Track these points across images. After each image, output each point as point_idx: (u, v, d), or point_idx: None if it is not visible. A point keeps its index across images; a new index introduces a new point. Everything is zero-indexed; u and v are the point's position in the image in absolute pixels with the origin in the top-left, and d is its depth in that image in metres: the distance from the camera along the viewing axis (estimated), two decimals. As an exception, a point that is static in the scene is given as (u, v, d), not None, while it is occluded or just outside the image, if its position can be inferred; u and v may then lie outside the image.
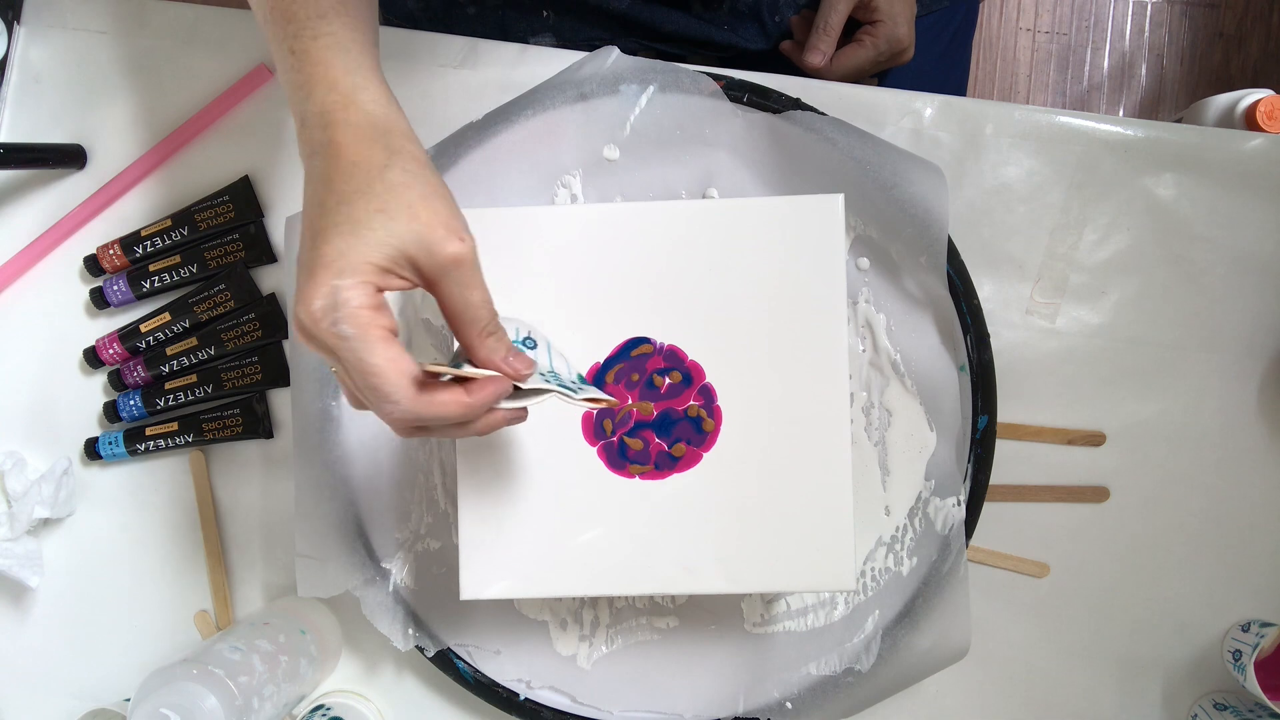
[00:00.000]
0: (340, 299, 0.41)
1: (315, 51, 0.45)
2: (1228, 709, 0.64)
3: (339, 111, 0.44)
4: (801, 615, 0.64)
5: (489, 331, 0.44)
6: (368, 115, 0.44)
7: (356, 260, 0.41)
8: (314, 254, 0.41)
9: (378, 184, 0.42)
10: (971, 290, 0.63)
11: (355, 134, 0.43)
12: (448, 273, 0.43)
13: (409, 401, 0.41)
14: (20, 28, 0.69)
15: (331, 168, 0.43)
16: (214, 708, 0.54)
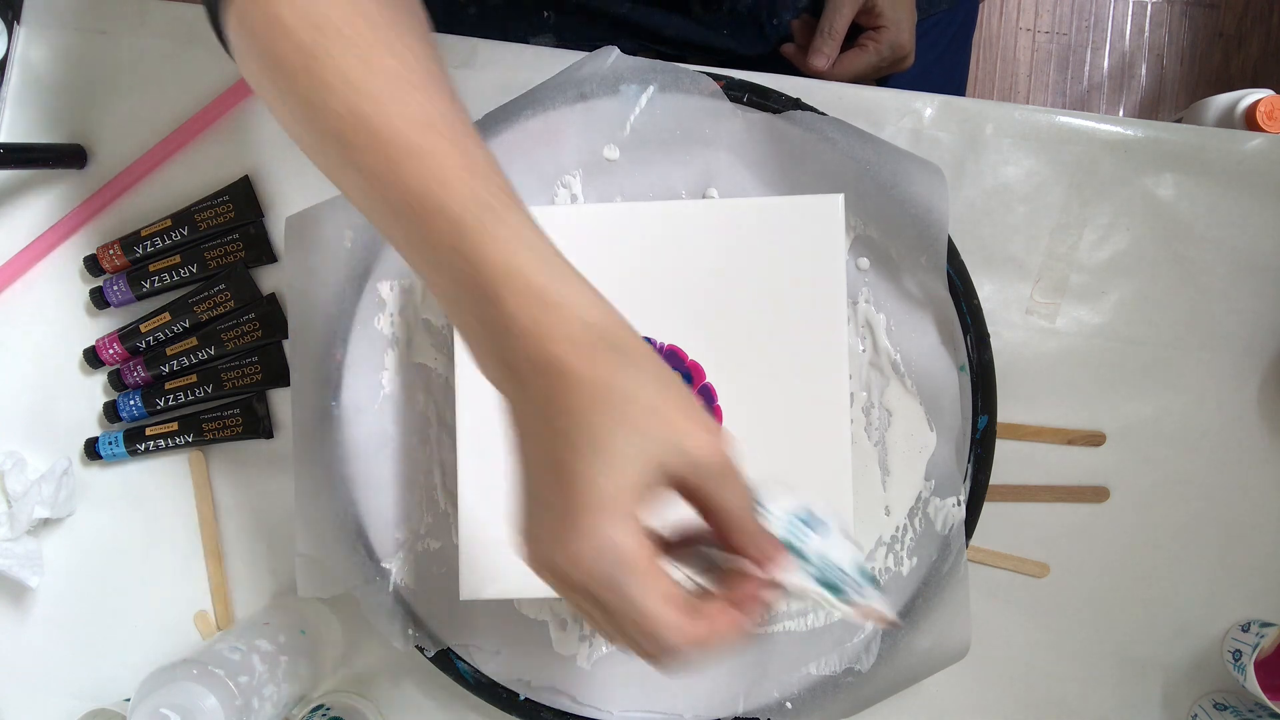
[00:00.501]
0: (609, 544, 0.35)
1: (497, 255, 0.37)
2: (1228, 709, 0.64)
3: (554, 325, 0.37)
4: (801, 615, 0.64)
5: (758, 529, 0.39)
6: (584, 321, 0.38)
7: (615, 492, 0.35)
8: (564, 492, 0.36)
9: (615, 395, 0.36)
10: (971, 290, 0.63)
11: (578, 346, 0.37)
12: (710, 476, 0.37)
13: (688, 641, 0.36)
14: (20, 28, 0.69)
15: (557, 387, 0.36)
16: (214, 708, 0.54)
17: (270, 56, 0.39)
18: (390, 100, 0.38)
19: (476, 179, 0.38)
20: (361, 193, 0.40)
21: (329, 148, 0.40)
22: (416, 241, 0.39)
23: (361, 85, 0.38)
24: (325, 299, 0.64)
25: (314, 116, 0.39)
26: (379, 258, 0.65)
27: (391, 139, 0.38)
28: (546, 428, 0.37)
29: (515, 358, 0.37)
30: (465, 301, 0.38)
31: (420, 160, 0.38)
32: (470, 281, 0.37)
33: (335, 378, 0.65)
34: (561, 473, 0.36)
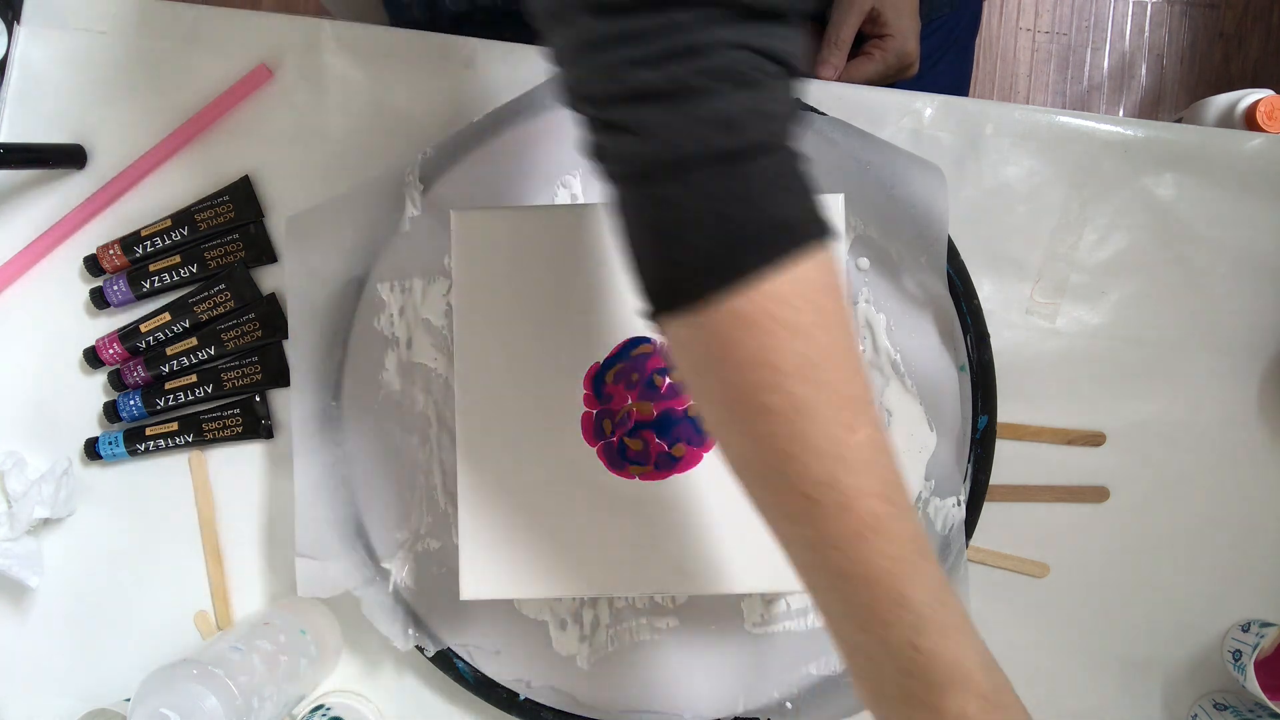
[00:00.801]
0: None
1: (949, 653, 0.38)
2: (1228, 709, 0.64)
3: (988, 713, 0.38)
4: (801, 615, 0.64)
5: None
6: (1008, 712, 0.38)
7: None
8: None
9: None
10: (971, 290, 0.63)
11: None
12: None
13: None
14: (20, 28, 0.69)
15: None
16: (214, 708, 0.54)
17: (744, 392, 0.37)
18: (864, 472, 0.38)
19: (929, 562, 0.39)
20: (807, 547, 0.39)
21: (786, 501, 0.39)
22: (856, 610, 0.38)
23: (845, 455, 0.37)
24: (325, 299, 0.64)
25: (778, 463, 0.38)
26: (379, 258, 0.65)
27: (860, 513, 0.37)
28: None
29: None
30: (889, 674, 0.38)
31: (884, 539, 0.38)
32: (908, 662, 0.38)
33: (335, 378, 0.65)
34: None
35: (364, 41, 0.67)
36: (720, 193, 0.36)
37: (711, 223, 0.36)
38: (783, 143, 0.38)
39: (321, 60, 0.67)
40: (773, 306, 0.36)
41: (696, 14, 0.35)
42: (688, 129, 0.36)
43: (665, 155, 0.36)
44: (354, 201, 0.64)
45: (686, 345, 0.39)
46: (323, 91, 0.67)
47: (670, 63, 0.35)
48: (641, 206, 0.38)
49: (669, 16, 0.35)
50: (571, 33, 0.37)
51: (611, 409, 0.56)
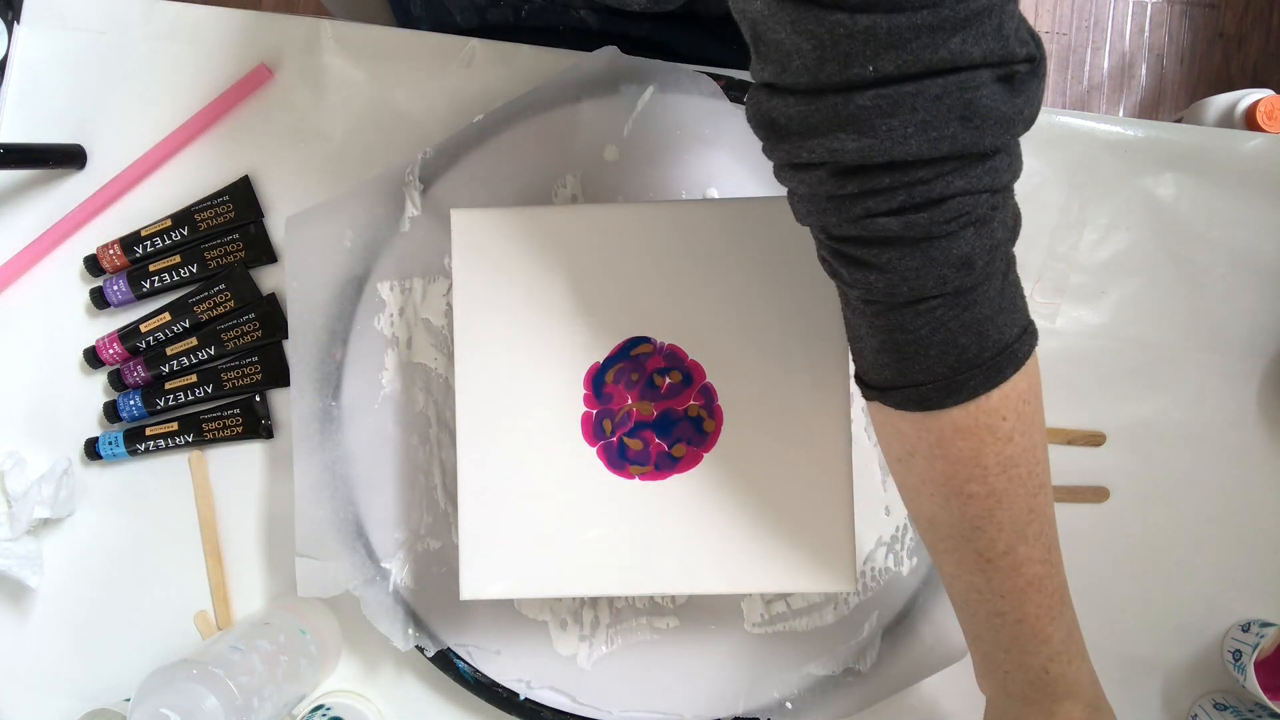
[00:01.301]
0: None
1: (1069, 672, 0.47)
2: (1228, 709, 0.64)
3: (1090, 715, 0.48)
4: (801, 615, 0.64)
5: None
6: (1104, 715, 0.49)
7: None
8: None
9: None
10: (971, 290, 0.63)
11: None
12: None
13: None
14: (20, 28, 0.69)
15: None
16: (214, 708, 0.54)
17: (950, 480, 0.44)
18: (1034, 542, 0.46)
19: (1067, 606, 0.48)
20: (974, 590, 0.47)
21: (965, 556, 0.46)
22: (1004, 638, 0.47)
23: (1024, 530, 0.45)
24: (325, 299, 0.64)
25: (968, 532, 0.45)
26: (379, 258, 0.65)
27: (1026, 575, 0.46)
28: None
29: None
30: (1018, 682, 0.48)
31: (1039, 593, 0.46)
32: (1038, 678, 0.48)
33: (335, 378, 0.65)
34: None
35: (364, 41, 0.67)
36: (954, 323, 0.41)
37: (944, 350, 0.42)
38: (1006, 264, 0.42)
39: (321, 60, 0.67)
40: (987, 419, 0.43)
41: (936, 170, 0.38)
42: (928, 270, 0.40)
43: (906, 291, 0.40)
44: (354, 201, 0.64)
45: (902, 433, 0.45)
46: (323, 91, 0.67)
47: (912, 213, 0.39)
48: (878, 326, 0.43)
49: (911, 175, 0.38)
50: (817, 186, 0.40)
51: (611, 409, 0.56)
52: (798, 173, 0.40)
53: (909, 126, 0.36)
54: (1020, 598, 0.46)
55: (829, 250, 0.42)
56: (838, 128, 0.37)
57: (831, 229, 0.41)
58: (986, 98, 0.37)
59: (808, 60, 0.37)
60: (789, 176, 0.42)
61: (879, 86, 0.36)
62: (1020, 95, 0.38)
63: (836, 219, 0.40)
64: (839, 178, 0.39)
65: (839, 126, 0.37)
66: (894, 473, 0.48)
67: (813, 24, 0.36)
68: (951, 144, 0.37)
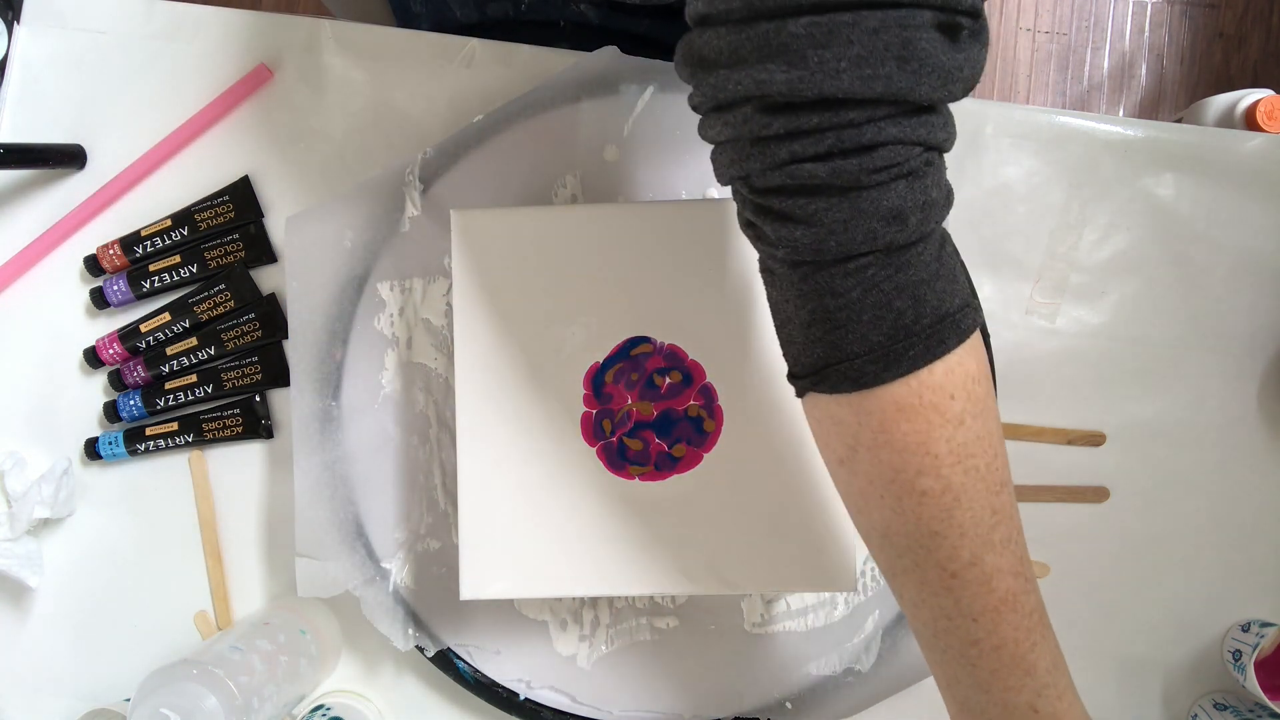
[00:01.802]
0: None
1: (1060, 710, 0.42)
2: (1228, 709, 0.64)
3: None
4: (801, 615, 0.64)
5: None
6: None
7: None
8: None
9: None
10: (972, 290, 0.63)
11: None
12: None
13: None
14: (20, 28, 0.69)
15: None
16: (214, 708, 0.54)
17: (899, 474, 0.39)
18: (1003, 550, 0.40)
19: (1049, 630, 0.42)
20: (942, 616, 0.41)
21: (928, 574, 0.41)
22: (981, 674, 0.41)
23: (990, 535, 0.40)
24: (325, 299, 0.64)
25: (925, 540, 0.40)
26: (379, 258, 0.65)
27: (998, 590, 0.40)
28: None
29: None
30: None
31: (1016, 613, 0.41)
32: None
33: (335, 378, 0.65)
34: None
35: (364, 41, 0.67)
36: (887, 285, 0.38)
37: (879, 315, 0.38)
38: (938, 228, 0.39)
39: (321, 60, 0.67)
40: (932, 396, 0.38)
41: (868, 113, 0.35)
42: (857, 222, 0.37)
43: (834, 247, 0.37)
44: (354, 201, 0.64)
45: (841, 422, 0.40)
46: (323, 91, 0.67)
47: (840, 159, 0.36)
48: (806, 292, 0.39)
49: (841, 115, 0.35)
50: (741, 126, 0.37)
51: (611, 409, 0.56)
52: (721, 114, 0.38)
53: (842, 60, 0.34)
54: (994, 618, 0.40)
55: (752, 208, 0.39)
56: (767, 58, 0.35)
57: (755, 179, 0.38)
58: (926, 41, 0.35)
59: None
60: (713, 122, 0.39)
61: (814, 14, 0.34)
62: (961, 51, 0.36)
63: (760, 164, 0.37)
64: (765, 114, 0.36)
65: (769, 56, 0.35)
66: (838, 481, 0.43)
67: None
68: (886, 85, 0.35)
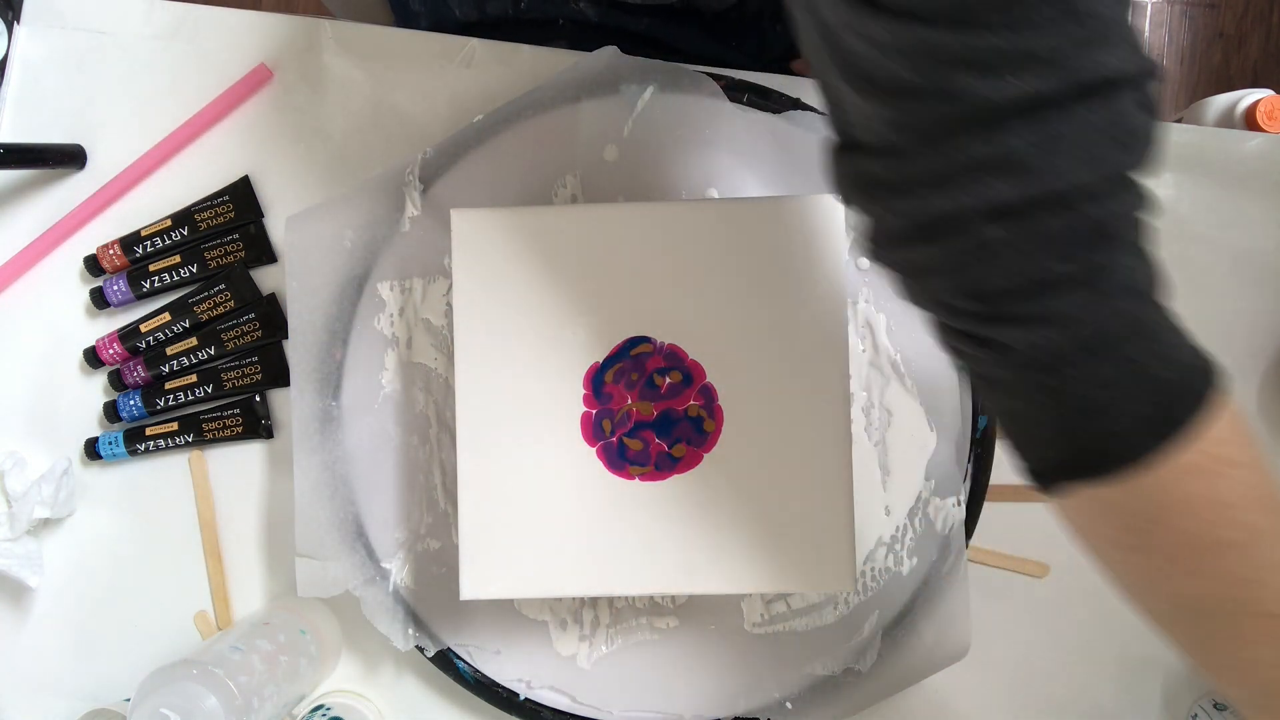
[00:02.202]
0: None
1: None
2: (1228, 709, 0.64)
3: None
4: (801, 615, 0.64)
5: None
6: None
7: None
8: None
9: None
10: (971, 290, 0.63)
11: None
12: None
13: None
14: (20, 28, 0.69)
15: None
16: (214, 708, 0.54)
17: (1198, 537, 0.37)
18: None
19: None
20: (1267, 664, 0.39)
21: (1241, 622, 0.38)
22: None
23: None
24: (325, 299, 0.64)
25: (1236, 593, 0.38)
26: (379, 258, 0.65)
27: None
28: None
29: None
30: None
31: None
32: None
33: (335, 378, 0.65)
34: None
35: (364, 41, 0.67)
36: (1143, 356, 0.36)
37: (1141, 388, 0.36)
38: (1165, 287, 0.38)
39: (321, 60, 0.67)
40: (1214, 448, 0.37)
41: (1096, 199, 0.34)
42: (1102, 305, 0.35)
43: (1088, 337, 0.36)
44: (354, 201, 0.64)
45: (1117, 506, 0.38)
46: (323, 91, 0.67)
47: (1080, 249, 0.34)
48: (1054, 388, 0.37)
49: (1075, 209, 0.34)
50: (960, 240, 0.35)
51: (611, 409, 0.56)
52: (927, 234, 0.36)
53: (1067, 159, 0.33)
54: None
55: (976, 320, 0.37)
56: (983, 171, 0.33)
57: (985, 291, 0.36)
58: (1132, 117, 0.33)
59: (921, 99, 0.32)
60: (905, 244, 0.37)
61: (1024, 117, 0.32)
62: (1153, 116, 0.34)
63: (993, 273, 0.35)
64: (989, 224, 0.34)
65: (985, 170, 0.33)
66: (1124, 568, 0.41)
67: (914, 44, 0.32)
68: (1111, 168, 0.34)
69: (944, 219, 0.35)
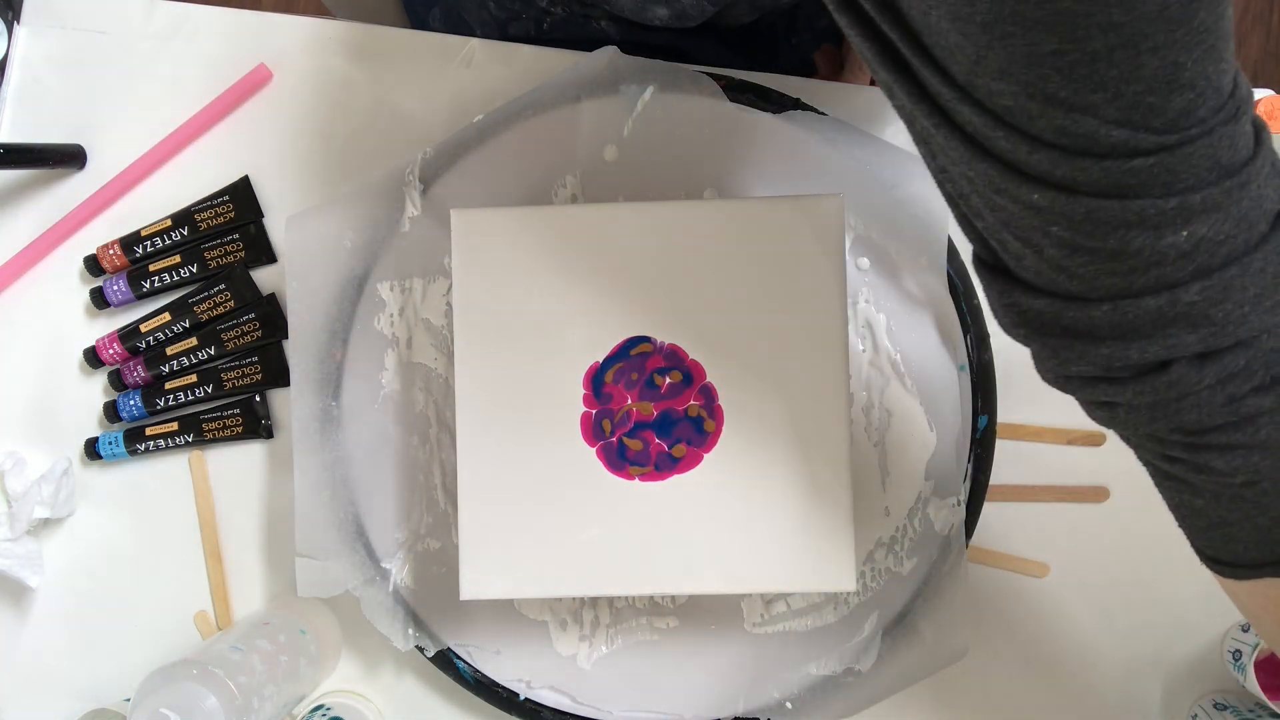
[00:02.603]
0: None
1: None
2: (1228, 709, 0.64)
3: None
4: (801, 615, 0.64)
5: None
6: None
7: None
8: None
9: None
10: (971, 290, 0.63)
11: None
12: None
13: None
14: (20, 28, 0.69)
15: None
16: (214, 708, 0.54)
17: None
18: None
19: None
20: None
21: None
22: None
23: None
24: (325, 299, 0.64)
25: None
26: (379, 258, 0.65)
27: None
28: None
29: None
30: None
31: None
32: None
33: (335, 378, 0.65)
34: None
35: (364, 42, 0.67)
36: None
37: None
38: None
39: (321, 60, 0.67)
40: None
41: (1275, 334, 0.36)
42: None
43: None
44: (354, 201, 0.64)
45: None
46: (323, 91, 0.67)
47: (1272, 379, 0.36)
48: (1255, 502, 0.39)
49: (1257, 347, 0.36)
50: (1166, 389, 0.37)
51: (611, 409, 0.56)
52: (1136, 378, 0.38)
53: (1244, 305, 0.35)
54: None
55: (1185, 448, 0.40)
56: (1168, 325, 0.35)
57: (1197, 424, 0.38)
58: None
59: (1093, 256, 0.34)
60: (1090, 383, 0.40)
61: (1202, 279, 0.34)
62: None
63: (1198, 414, 0.38)
64: (1193, 369, 0.36)
65: (1169, 324, 0.35)
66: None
67: (1080, 212, 0.33)
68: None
69: (1139, 369, 0.37)
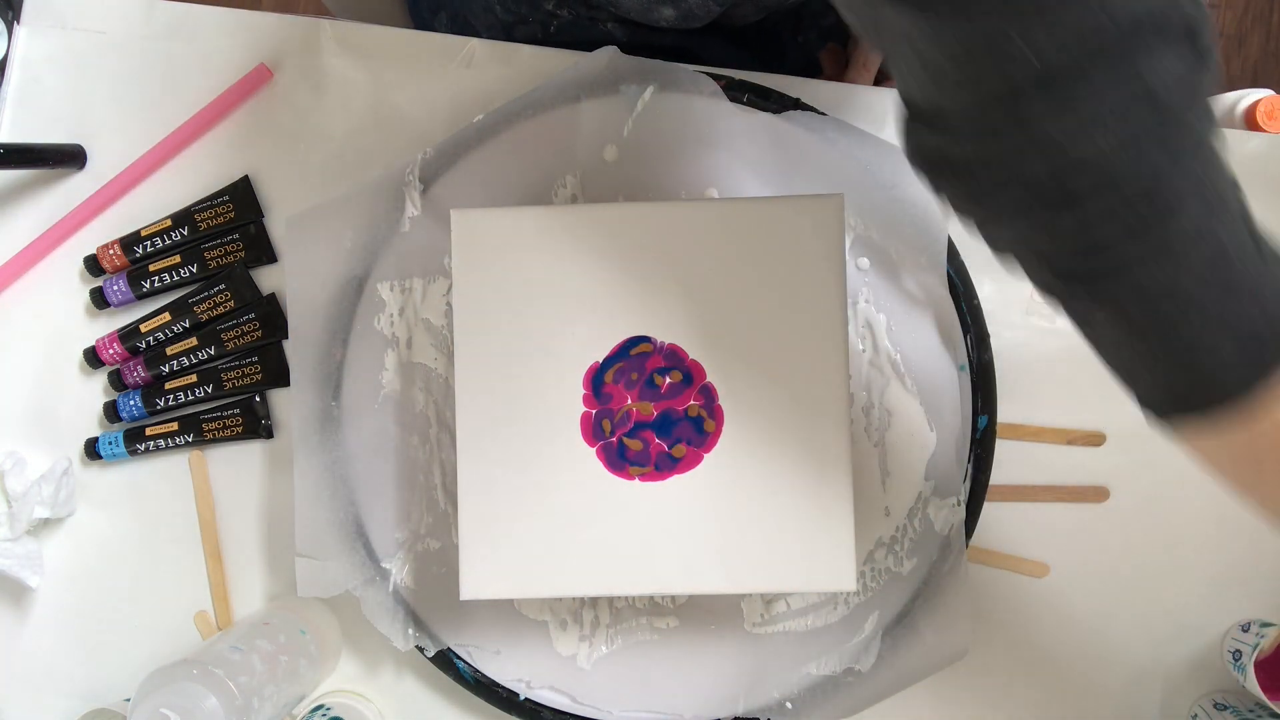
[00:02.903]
0: None
1: None
2: (1228, 709, 0.64)
3: None
4: (801, 615, 0.64)
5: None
6: None
7: None
8: None
9: None
10: (971, 290, 0.63)
11: None
12: None
13: None
14: (20, 28, 0.69)
15: None
16: (214, 708, 0.54)
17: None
18: None
19: None
20: None
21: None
22: None
23: None
24: (325, 299, 0.64)
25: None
26: (379, 258, 0.65)
27: None
28: None
29: None
30: None
31: None
32: None
33: (335, 378, 0.65)
34: None
35: (364, 41, 0.67)
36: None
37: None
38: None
39: (321, 60, 0.67)
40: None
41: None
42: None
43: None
44: (354, 201, 0.64)
45: (1227, 444, 0.40)
46: (323, 91, 0.67)
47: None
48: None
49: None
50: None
51: (611, 409, 0.56)
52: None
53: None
54: None
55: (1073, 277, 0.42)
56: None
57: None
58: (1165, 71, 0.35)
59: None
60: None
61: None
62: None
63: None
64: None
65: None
66: (1255, 503, 0.43)
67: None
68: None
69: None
